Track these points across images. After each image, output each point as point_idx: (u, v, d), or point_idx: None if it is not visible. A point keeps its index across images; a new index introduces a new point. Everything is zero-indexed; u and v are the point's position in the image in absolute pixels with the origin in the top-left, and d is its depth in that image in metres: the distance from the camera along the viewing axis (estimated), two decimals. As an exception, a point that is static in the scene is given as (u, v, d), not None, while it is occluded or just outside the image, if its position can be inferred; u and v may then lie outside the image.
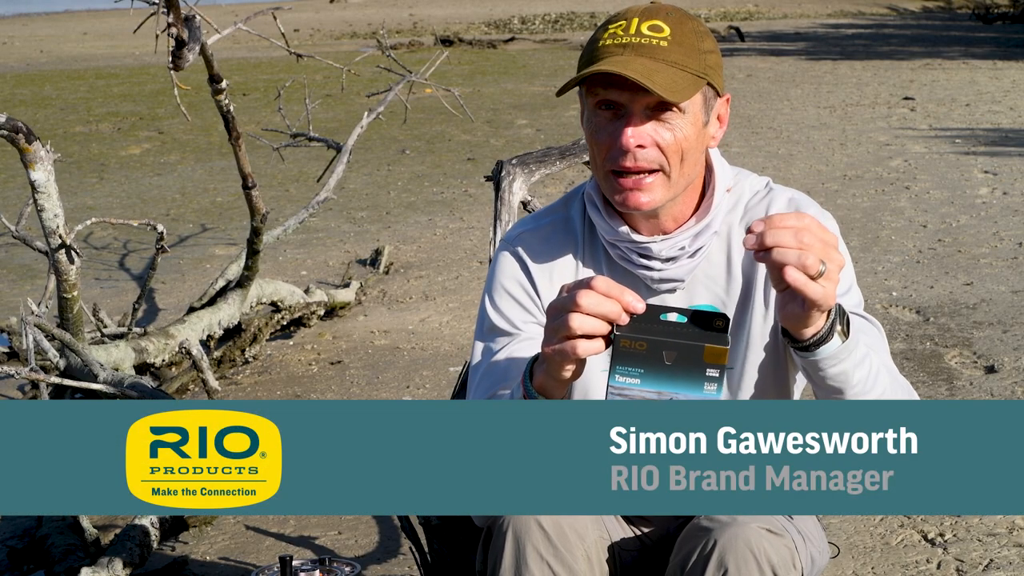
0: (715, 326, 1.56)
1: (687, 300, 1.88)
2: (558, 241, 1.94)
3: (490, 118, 12.07)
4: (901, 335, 4.96)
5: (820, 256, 1.55)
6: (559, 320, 1.58)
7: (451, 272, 6.35)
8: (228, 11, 13.53)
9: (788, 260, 1.54)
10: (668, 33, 1.76)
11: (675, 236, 1.85)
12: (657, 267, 1.86)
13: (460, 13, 29.47)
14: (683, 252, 1.86)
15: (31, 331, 3.22)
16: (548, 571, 1.75)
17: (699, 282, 1.89)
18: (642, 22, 1.77)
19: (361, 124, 5.29)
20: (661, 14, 1.78)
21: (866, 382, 1.69)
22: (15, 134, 3.21)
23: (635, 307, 1.57)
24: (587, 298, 1.56)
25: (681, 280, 1.87)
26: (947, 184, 8.17)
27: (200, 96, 6.09)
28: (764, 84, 14.56)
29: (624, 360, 1.55)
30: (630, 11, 1.80)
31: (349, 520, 3.50)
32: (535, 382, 1.67)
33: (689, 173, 1.82)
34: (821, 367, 1.66)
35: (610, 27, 1.79)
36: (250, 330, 4.91)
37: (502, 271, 1.95)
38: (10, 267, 6.70)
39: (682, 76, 1.75)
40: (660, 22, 1.77)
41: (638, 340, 1.55)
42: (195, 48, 3.20)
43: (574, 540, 1.77)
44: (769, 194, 1.91)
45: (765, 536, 1.74)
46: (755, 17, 27.66)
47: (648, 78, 1.72)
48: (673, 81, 1.74)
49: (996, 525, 3.28)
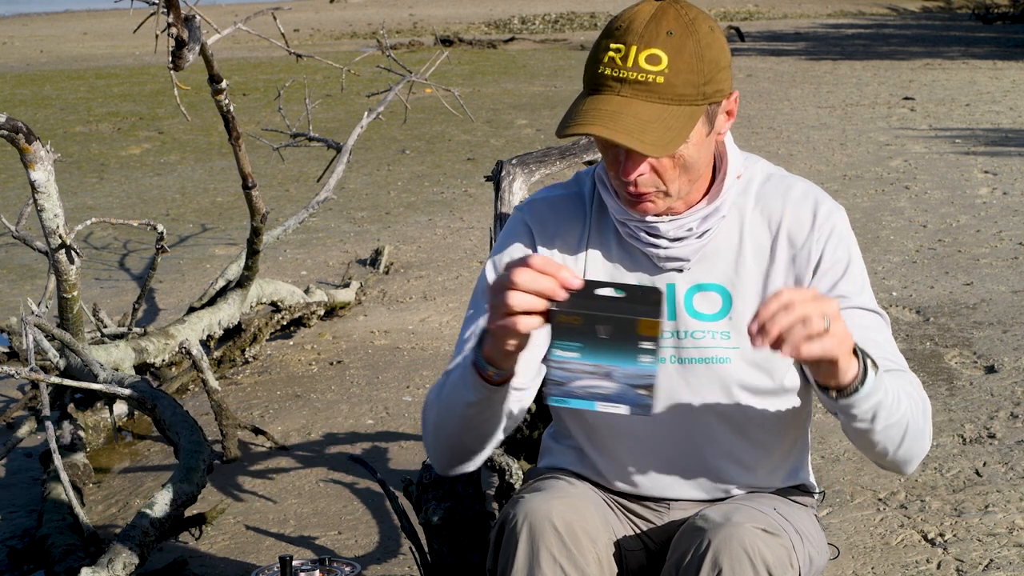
0: (650, 300, 1.58)
1: (694, 279, 1.90)
2: (568, 215, 1.96)
3: (490, 118, 12.07)
4: (901, 335, 4.96)
5: (817, 314, 1.57)
6: (499, 298, 1.61)
7: (451, 272, 6.35)
8: (228, 11, 13.53)
9: (799, 338, 1.57)
10: (665, 65, 1.73)
11: (684, 217, 1.86)
12: (664, 245, 1.88)
13: (460, 13, 29.46)
14: (691, 233, 1.87)
15: (31, 331, 3.22)
16: (560, 573, 1.75)
17: (708, 260, 1.90)
18: (640, 51, 1.74)
19: (361, 124, 5.29)
20: (661, 36, 1.74)
21: (892, 406, 1.73)
22: (15, 134, 3.21)
23: (571, 283, 1.59)
24: (523, 275, 1.59)
25: (687, 259, 1.89)
26: (947, 184, 8.17)
27: (200, 96, 6.09)
28: (764, 84, 14.56)
29: (562, 335, 1.59)
30: (632, 27, 1.76)
31: (349, 520, 3.50)
32: (484, 352, 1.71)
33: (694, 177, 1.84)
34: (861, 404, 1.69)
35: (612, 46, 1.76)
36: (250, 330, 4.91)
37: (509, 235, 1.99)
38: (10, 267, 6.70)
39: (678, 116, 1.75)
40: (658, 51, 1.73)
41: (573, 315, 1.59)
42: (195, 48, 3.20)
43: (586, 543, 1.78)
44: (785, 184, 1.93)
45: (760, 536, 1.74)
46: (755, 17, 27.65)
47: (639, 136, 1.72)
48: (666, 130, 1.74)
49: (996, 525, 3.28)
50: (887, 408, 1.72)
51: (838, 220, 1.91)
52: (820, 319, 1.57)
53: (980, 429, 3.95)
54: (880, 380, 1.69)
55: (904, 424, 1.75)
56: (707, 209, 1.87)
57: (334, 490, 3.73)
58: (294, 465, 3.93)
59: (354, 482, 3.76)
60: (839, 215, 1.92)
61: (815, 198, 1.91)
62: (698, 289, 1.89)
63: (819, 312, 1.57)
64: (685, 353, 1.90)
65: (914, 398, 1.80)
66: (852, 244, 1.92)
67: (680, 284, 1.90)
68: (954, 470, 3.65)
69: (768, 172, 1.95)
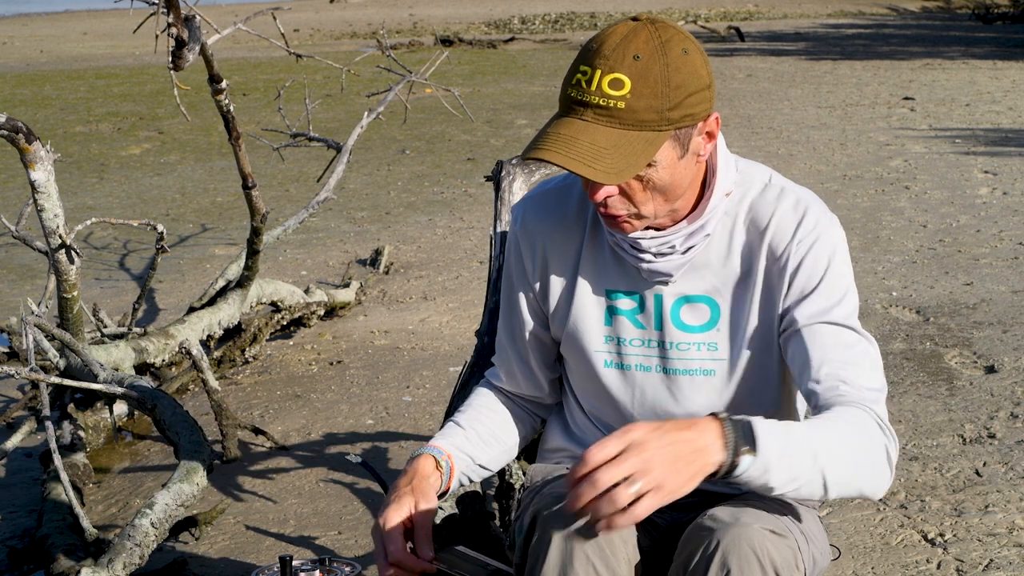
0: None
1: (681, 289, 1.90)
2: (562, 212, 1.98)
3: (490, 118, 12.06)
4: (901, 335, 4.96)
5: (624, 483, 1.50)
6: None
7: (451, 272, 6.35)
8: (228, 11, 13.53)
9: (607, 514, 1.51)
10: (628, 90, 1.72)
11: (667, 235, 1.86)
12: (648, 260, 1.88)
13: (460, 13, 29.47)
14: (674, 250, 1.87)
15: (31, 331, 3.22)
16: (593, 572, 1.76)
17: (696, 271, 1.89)
18: (604, 75, 1.72)
19: (361, 124, 5.29)
20: (627, 60, 1.72)
21: (800, 465, 1.64)
22: (15, 134, 3.21)
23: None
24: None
25: (670, 275, 1.89)
26: (947, 184, 8.17)
27: (200, 96, 6.08)
28: (764, 84, 14.56)
29: None
30: (602, 49, 1.74)
31: (349, 520, 3.50)
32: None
33: (672, 198, 1.83)
34: (746, 484, 1.63)
35: (581, 67, 1.75)
36: (250, 330, 4.91)
37: (508, 255, 2.04)
38: (10, 267, 6.70)
39: (637, 142, 1.73)
40: (622, 76, 1.72)
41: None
42: (195, 48, 3.20)
43: (619, 543, 1.79)
44: (779, 194, 1.89)
45: (768, 537, 1.74)
46: (755, 17, 27.66)
47: (591, 163, 1.71)
48: (622, 157, 1.72)
49: (996, 525, 3.28)
50: (789, 471, 1.63)
51: (824, 231, 1.85)
52: (627, 488, 1.49)
53: (980, 429, 3.95)
54: (763, 459, 1.60)
55: (820, 478, 1.67)
56: (690, 228, 1.86)
57: (334, 490, 3.73)
58: (294, 465, 3.93)
59: (354, 482, 3.76)
60: (828, 227, 1.86)
61: (807, 207, 1.87)
62: (685, 300, 1.90)
63: (627, 476, 1.49)
64: (670, 364, 1.91)
65: (847, 443, 1.70)
66: (837, 257, 1.85)
67: (667, 295, 1.90)
68: (954, 470, 3.65)
69: (766, 181, 1.91)
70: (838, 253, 1.86)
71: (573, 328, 1.97)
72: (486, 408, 2.08)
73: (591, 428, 2.03)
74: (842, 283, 1.85)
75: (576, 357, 1.99)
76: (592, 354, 1.95)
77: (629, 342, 1.93)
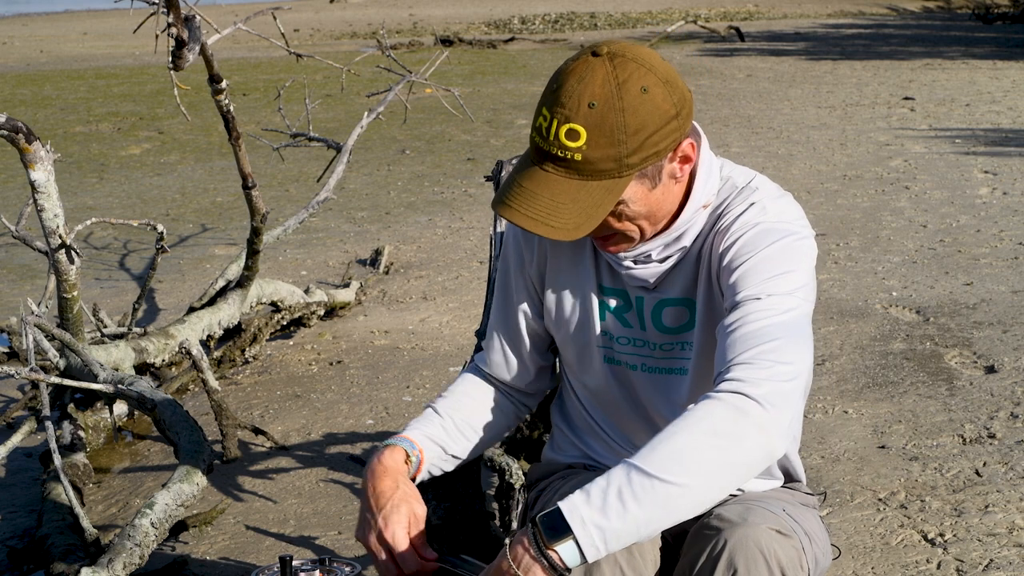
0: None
1: (660, 294, 1.92)
2: None
3: (490, 118, 12.06)
4: (901, 335, 4.96)
5: None
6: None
7: (451, 272, 6.35)
8: (228, 11, 13.53)
9: None
10: (584, 141, 1.70)
11: (643, 245, 1.88)
12: (627, 266, 1.91)
13: (460, 13, 29.46)
14: (650, 259, 1.89)
15: (31, 331, 3.22)
16: (619, 573, 1.76)
17: (674, 275, 1.91)
18: (561, 125, 1.71)
19: (361, 124, 5.29)
20: (582, 110, 1.70)
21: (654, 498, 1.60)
22: (15, 134, 3.21)
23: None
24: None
25: (648, 281, 1.91)
26: (947, 184, 8.17)
27: (200, 96, 6.08)
28: (764, 84, 14.56)
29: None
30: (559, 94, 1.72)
31: (349, 520, 3.50)
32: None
33: (656, 220, 1.84)
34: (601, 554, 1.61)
35: (543, 111, 1.73)
36: (250, 330, 4.91)
37: (508, 246, 2.06)
38: (10, 267, 6.70)
39: (595, 192, 1.73)
40: (577, 126, 1.70)
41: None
42: (195, 48, 3.20)
43: (647, 544, 1.79)
44: (746, 195, 1.86)
45: (775, 537, 1.75)
46: (755, 17, 27.65)
47: (548, 219, 1.73)
48: (580, 211, 1.72)
49: (996, 525, 3.28)
50: (633, 520, 1.60)
51: (768, 217, 1.81)
52: None
53: (980, 429, 3.95)
54: (588, 532, 1.58)
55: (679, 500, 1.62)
56: (665, 239, 1.87)
57: (334, 490, 3.73)
58: (294, 465, 3.93)
59: (354, 482, 3.76)
60: (770, 211, 1.82)
61: (760, 198, 1.85)
62: (664, 304, 1.92)
63: None
64: (652, 363, 1.95)
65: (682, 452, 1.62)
66: (777, 236, 1.80)
67: (648, 299, 1.93)
68: (954, 470, 3.65)
69: (744, 184, 1.89)
70: (785, 235, 1.80)
71: (571, 322, 1.99)
72: (467, 395, 2.07)
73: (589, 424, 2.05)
74: (783, 263, 1.78)
75: (574, 351, 2.01)
76: (591, 348, 1.99)
77: (619, 339, 1.96)
